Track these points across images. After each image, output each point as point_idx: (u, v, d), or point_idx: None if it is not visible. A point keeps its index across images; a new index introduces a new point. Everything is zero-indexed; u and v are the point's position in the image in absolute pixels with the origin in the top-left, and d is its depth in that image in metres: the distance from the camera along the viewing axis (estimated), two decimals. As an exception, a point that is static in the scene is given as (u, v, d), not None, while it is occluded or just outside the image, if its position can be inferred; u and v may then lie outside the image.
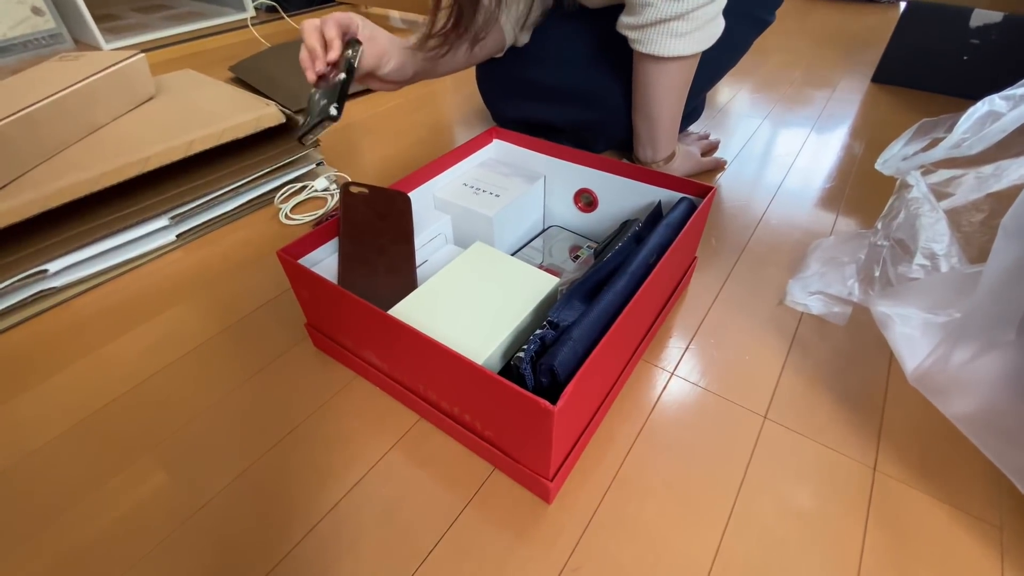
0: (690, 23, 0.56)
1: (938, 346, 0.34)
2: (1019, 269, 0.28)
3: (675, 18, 0.55)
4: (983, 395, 0.31)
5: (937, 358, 0.33)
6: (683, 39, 0.57)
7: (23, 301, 0.54)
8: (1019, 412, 0.29)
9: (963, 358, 0.31)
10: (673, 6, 0.54)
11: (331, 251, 0.46)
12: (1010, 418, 0.30)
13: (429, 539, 0.36)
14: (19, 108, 0.56)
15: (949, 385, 0.33)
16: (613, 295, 0.38)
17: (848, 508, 0.37)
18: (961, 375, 0.32)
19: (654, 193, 0.52)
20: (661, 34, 0.57)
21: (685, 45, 0.58)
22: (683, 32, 0.57)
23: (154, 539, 0.36)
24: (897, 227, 0.49)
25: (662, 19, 0.56)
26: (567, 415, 0.32)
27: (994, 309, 0.29)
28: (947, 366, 0.32)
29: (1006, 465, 0.32)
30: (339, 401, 0.45)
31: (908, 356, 0.36)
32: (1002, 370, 0.30)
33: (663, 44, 0.58)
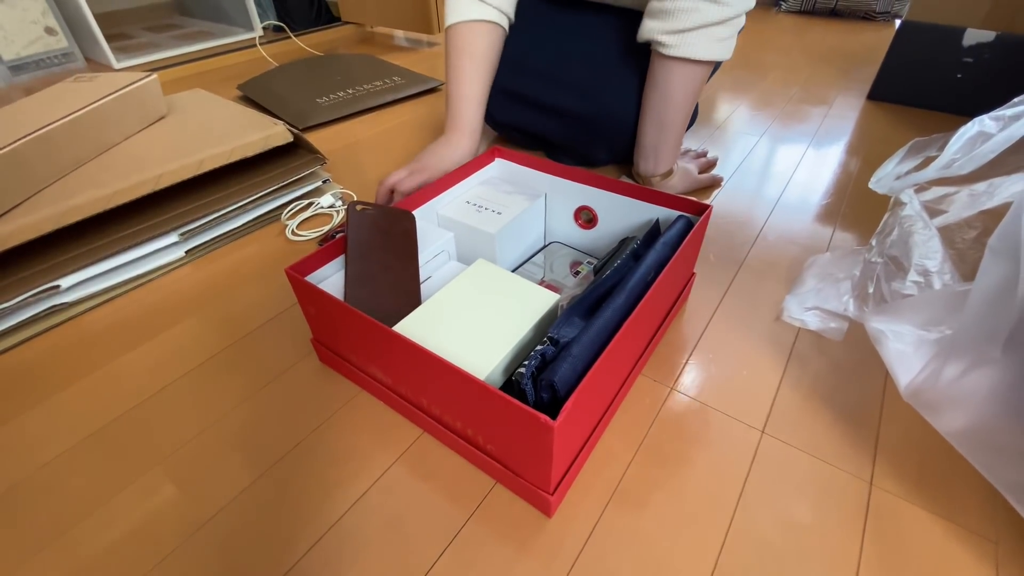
0: (729, 29, 0.61)
1: (930, 362, 0.35)
2: (1004, 288, 0.29)
3: (718, 23, 0.60)
4: (973, 411, 0.32)
5: (929, 374, 0.34)
6: (723, 44, 0.62)
7: (36, 316, 0.55)
8: (1007, 428, 0.30)
9: (953, 374, 0.32)
10: (721, 12, 0.59)
11: (337, 268, 0.48)
12: (999, 434, 0.31)
13: (432, 552, 0.36)
14: (35, 128, 0.58)
15: (941, 401, 0.34)
16: (612, 312, 0.39)
17: (844, 522, 0.37)
18: (952, 391, 0.33)
19: (652, 211, 0.53)
20: (703, 38, 0.61)
21: (723, 49, 0.62)
22: (723, 37, 0.61)
23: (163, 551, 0.37)
24: (891, 244, 0.50)
25: (706, 24, 0.59)
26: (567, 430, 0.33)
27: (981, 327, 0.30)
28: (938, 382, 0.33)
29: (997, 480, 0.32)
30: (344, 415, 0.46)
31: (901, 372, 0.37)
32: (990, 387, 0.30)
33: (704, 48, 0.61)
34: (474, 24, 0.67)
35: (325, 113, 1.01)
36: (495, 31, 0.68)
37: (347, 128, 1.01)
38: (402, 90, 1.11)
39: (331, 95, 1.07)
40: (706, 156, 0.82)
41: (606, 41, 0.73)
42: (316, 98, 1.05)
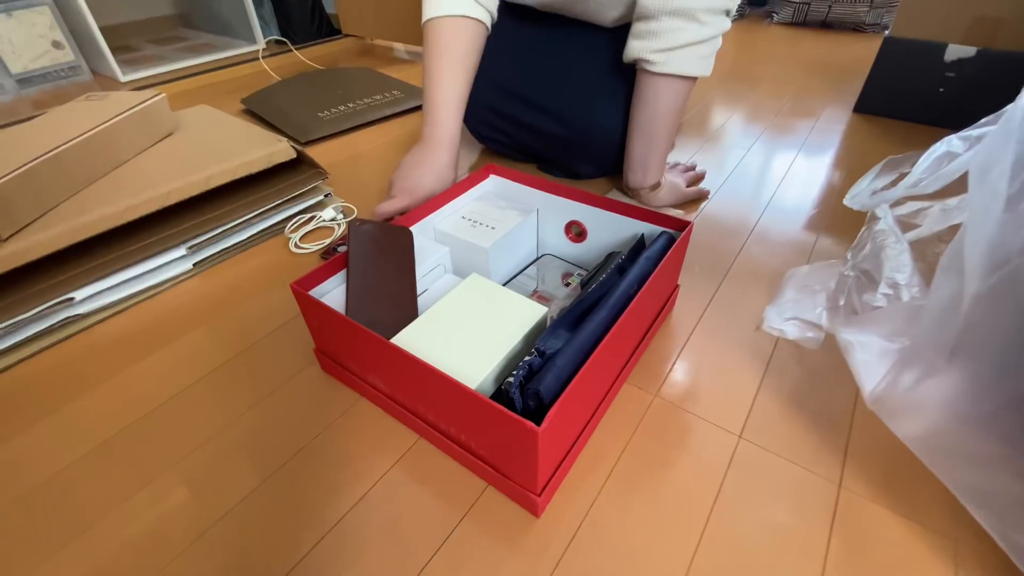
0: (709, 47, 0.65)
1: (890, 371, 0.37)
2: (952, 303, 0.32)
3: (701, 42, 0.64)
4: (927, 417, 0.34)
5: (888, 383, 0.37)
6: (704, 60, 0.66)
7: (51, 327, 0.58)
8: (957, 433, 0.33)
9: (909, 383, 0.35)
10: (702, 31, 0.63)
11: (339, 282, 0.50)
12: (950, 439, 0.33)
13: (427, 550, 0.39)
14: (50, 148, 0.61)
15: (899, 408, 0.36)
16: (596, 324, 0.42)
17: (813, 522, 0.40)
18: (908, 399, 0.35)
19: (638, 226, 0.56)
20: (690, 56, 0.65)
21: (705, 66, 0.67)
22: (706, 55, 0.66)
23: (175, 550, 0.39)
24: (863, 258, 0.53)
25: (690, 43, 0.63)
26: (551, 435, 0.35)
27: (932, 338, 0.33)
28: (896, 390, 0.36)
29: (951, 482, 0.35)
30: (345, 422, 0.48)
31: (866, 380, 0.40)
32: (941, 395, 0.33)
33: (689, 64, 0.65)
34: (456, 19, 0.63)
35: (326, 127, 1.04)
36: (478, 28, 0.65)
37: (348, 141, 1.04)
38: (401, 104, 1.14)
39: (332, 109, 1.10)
40: (694, 169, 0.85)
41: (591, 59, 0.76)
42: (318, 112, 1.08)
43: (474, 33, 0.64)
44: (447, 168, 0.65)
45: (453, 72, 0.63)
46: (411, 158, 0.66)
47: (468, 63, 0.65)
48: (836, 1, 1.66)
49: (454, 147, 0.65)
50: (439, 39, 0.63)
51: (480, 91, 0.84)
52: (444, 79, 0.63)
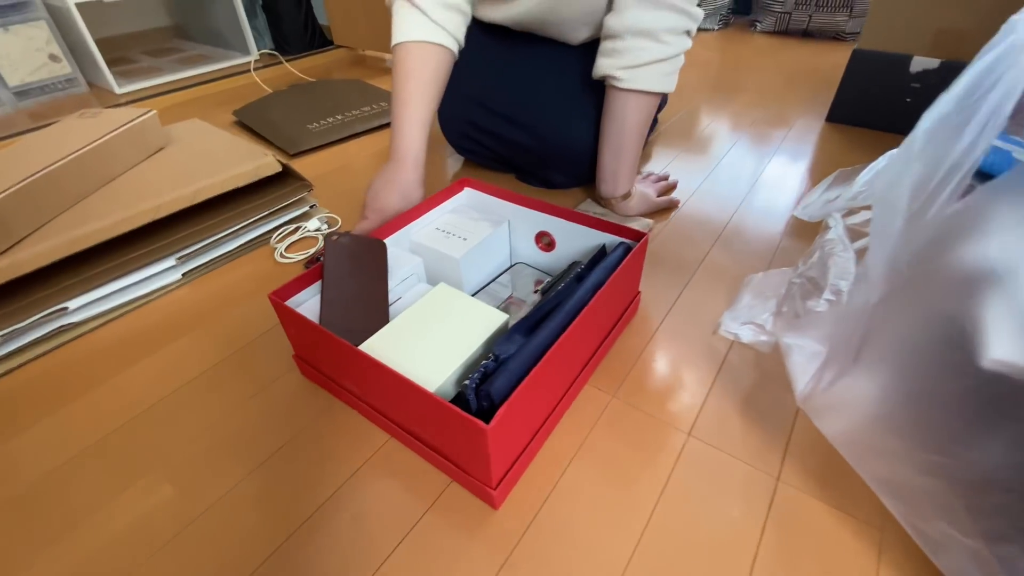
0: (672, 65, 0.69)
1: (816, 373, 0.40)
2: (859, 309, 0.35)
3: (664, 60, 0.68)
4: (844, 415, 0.38)
5: (813, 383, 0.40)
6: (668, 78, 0.70)
7: (46, 335, 0.61)
8: (867, 429, 0.36)
9: (826, 384, 0.38)
10: (665, 50, 0.67)
11: (315, 293, 0.54)
12: (862, 435, 0.37)
13: (392, 540, 0.42)
14: (45, 165, 0.64)
15: (822, 407, 0.39)
16: (550, 330, 0.45)
17: (751, 513, 0.43)
18: (827, 398, 0.38)
19: (600, 237, 0.59)
20: (653, 73, 0.69)
21: (669, 83, 0.71)
22: (668, 72, 0.70)
23: (160, 541, 0.43)
24: (811, 265, 0.56)
25: (654, 60, 0.67)
26: (501, 433, 0.38)
27: (845, 342, 0.36)
28: (817, 390, 0.39)
29: (866, 475, 0.38)
30: (321, 423, 0.51)
31: (798, 381, 0.43)
32: (852, 394, 0.36)
33: (653, 81, 0.69)
34: (423, 45, 0.65)
35: (316, 139, 1.08)
36: (443, 54, 0.66)
37: (337, 152, 1.07)
38: (389, 115, 1.18)
39: (321, 121, 1.13)
40: (667, 180, 0.89)
41: (562, 75, 0.80)
42: (307, 124, 1.12)
43: (440, 59, 0.66)
44: (414, 186, 0.67)
45: (419, 95, 0.65)
46: (380, 178, 0.68)
47: (433, 87, 0.67)
48: (817, 10, 1.70)
49: (419, 165, 0.67)
50: (405, 63, 0.65)
51: (458, 106, 0.88)
52: (410, 101, 0.66)
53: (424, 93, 0.66)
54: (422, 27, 0.64)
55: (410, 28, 0.64)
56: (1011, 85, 0.33)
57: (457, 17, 0.66)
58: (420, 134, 0.66)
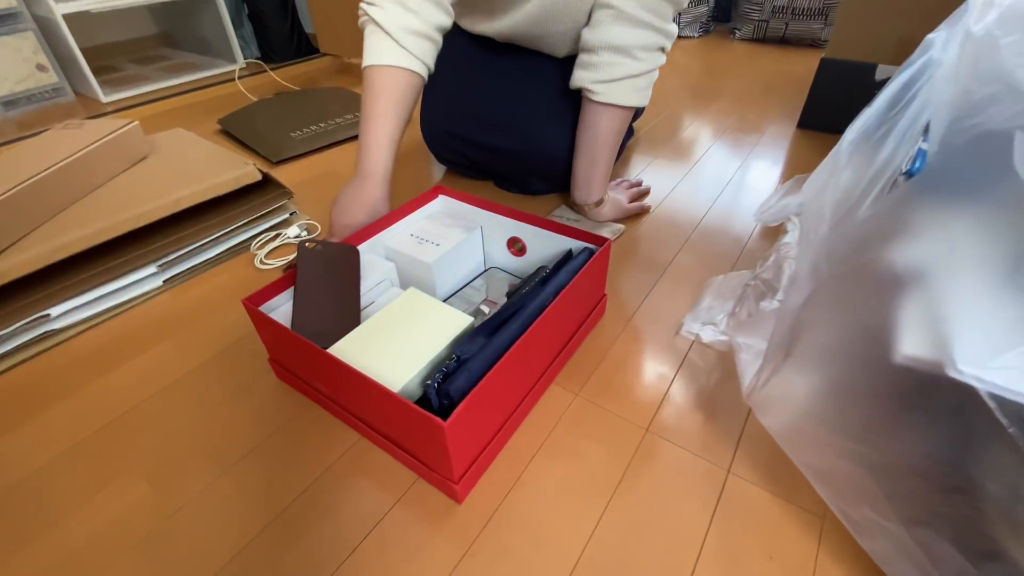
0: (646, 81, 0.72)
1: (758, 370, 0.43)
2: (793, 309, 0.38)
3: (637, 75, 0.70)
4: (780, 409, 0.40)
5: (756, 380, 0.43)
6: (641, 93, 0.73)
7: (29, 341, 0.63)
8: (799, 422, 0.38)
9: (764, 379, 0.41)
10: (638, 66, 0.70)
11: (289, 298, 0.56)
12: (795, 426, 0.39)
13: (360, 532, 0.44)
14: (30, 176, 0.66)
15: (761, 401, 0.42)
16: (511, 332, 0.47)
17: (701, 502, 0.45)
18: (766, 394, 0.41)
19: (567, 242, 0.62)
20: (626, 88, 0.71)
21: (641, 97, 0.73)
22: (642, 87, 0.72)
23: (138, 535, 0.44)
24: (766, 268, 0.59)
25: (627, 76, 0.70)
26: (460, 429, 0.41)
27: (778, 341, 0.39)
28: (757, 386, 0.41)
29: (801, 465, 0.40)
30: (294, 424, 0.53)
31: (744, 378, 0.45)
32: (785, 390, 0.39)
33: (626, 96, 0.72)
34: (391, 69, 0.66)
35: (299, 146, 1.10)
36: (412, 78, 0.67)
37: (319, 159, 1.09)
38: (371, 123, 1.20)
39: (304, 129, 1.15)
40: (639, 185, 0.91)
41: (542, 86, 0.82)
42: (290, 132, 1.14)
43: (408, 82, 0.67)
44: (381, 202, 0.67)
45: (386, 115, 0.66)
46: (346, 193, 0.68)
47: (402, 106, 0.67)
48: (793, 18, 1.74)
49: (386, 183, 0.68)
50: (374, 85, 0.66)
51: (440, 115, 0.90)
52: (378, 119, 0.66)
53: (392, 111, 0.66)
54: (391, 52, 0.65)
55: (380, 52, 0.66)
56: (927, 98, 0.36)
57: (426, 44, 0.67)
58: (387, 151, 0.67)
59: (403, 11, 0.65)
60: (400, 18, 0.64)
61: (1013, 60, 0.28)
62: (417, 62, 0.67)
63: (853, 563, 0.41)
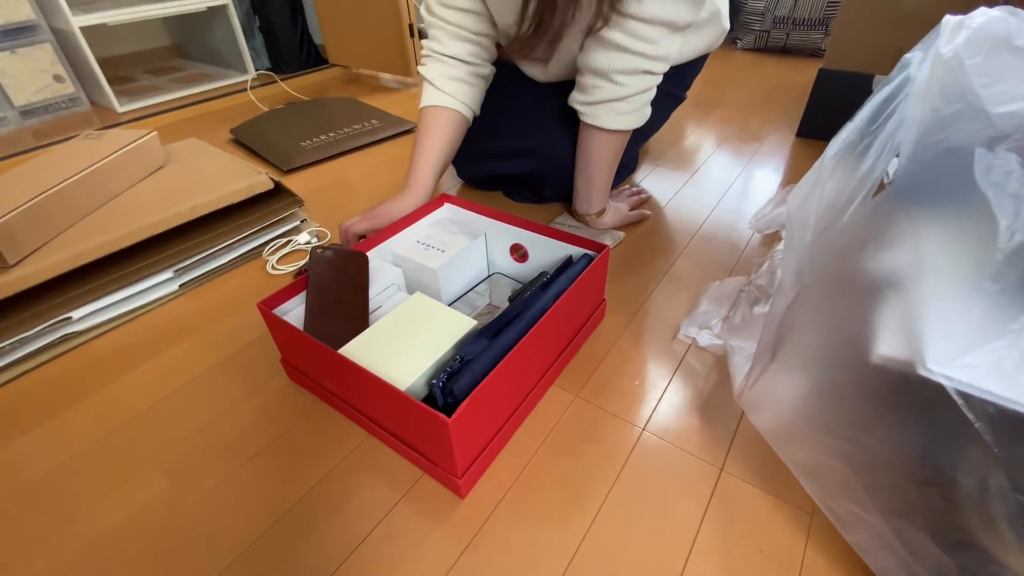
0: (629, 105, 0.71)
1: (747, 372, 0.45)
2: (780, 313, 0.40)
3: (619, 100, 0.70)
4: (768, 408, 0.42)
5: (746, 381, 0.45)
6: (623, 117, 0.72)
7: (51, 343, 0.66)
8: (785, 420, 0.40)
9: (754, 380, 0.42)
10: (618, 90, 0.69)
11: (301, 301, 0.58)
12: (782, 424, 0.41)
13: (367, 526, 0.46)
14: (52, 185, 0.69)
15: (751, 401, 0.44)
16: (512, 334, 0.49)
17: (694, 499, 0.47)
18: (755, 394, 0.43)
19: (568, 249, 0.64)
20: (607, 111, 0.72)
21: (625, 121, 0.73)
22: (624, 111, 0.72)
23: (157, 527, 0.47)
24: (760, 274, 0.61)
25: (609, 99, 0.70)
26: (464, 426, 0.43)
27: (766, 343, 0.41)
28: (746, 387, 0.43)
29: (788, 461, 0.42)
30: (305, 422, 0.56)
31: (736, 379, 0.47)
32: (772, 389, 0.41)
33: (608, 119, 0.72)
34: (439, 109, 0.79)
35: (308, 156, 1.13)
36: (456, 117, 0.80)
37: (328, 169, 1.12)
38: (379, 132, 1.23)
39: (314, 138, 1.19)
40: (640, 194, 0.94)
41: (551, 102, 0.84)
42: (300, 141, 1.17)
43: (448, 117, 0.80)
44: (414, 205, 0.76)
45: (431, 145, 0.79)
46: (388, 199, 0.77)
47: (444, 140, 0.80)
48: (794, 29, 1.77)
49: (425, 196, 0.78)
50: (423, 121, 0.80)
51: None
52: (424, 149, 0.79)
53: (433, 139, 0.79)
54: (434, 96, 0.79)
55: (427, 97, 0.80)
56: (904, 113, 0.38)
57: (462, 86, 0.80)
58: (429, 172, 0.78)
59: (442, 65, 0.79)
60: (440, 69, 0.79)
61: (976, 80, 0.30)
62: (456, 101, 0.79)
63: (838, 556, 0.42)
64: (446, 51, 0.78)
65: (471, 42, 0.79)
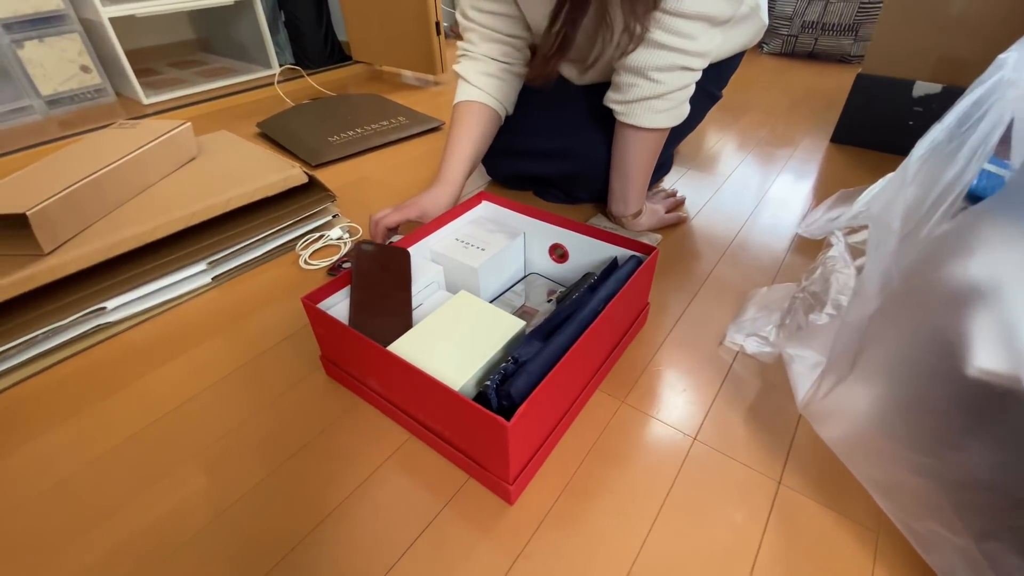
0: (667, 103, 0.70)
1: (815, 381, 0.43)
2: (858, 322, 0.38)
3: (656, 97, 0.69)
4: (841, 420, 0.40)
5: (814, 391, 0.43)
6: (661, 115, 0.71)
7: (84, 333, 0.65)
8: (863, 433, 0.38)
9: (827, 390, 0.41)
10: (656, 88, 0.68)
11: (343, 297, 0.57)
12: (858, 438, 0.39)
13: (412, 533, 0.45)
14: (88, 173, 0.68)
15: (822, 413, 0.42)
16: (565, 336, 0.48)
17: (753, 513, 0.45)
18: (826, 405, 0.41)
19: (611, 250, 0.63)
20: (644, 109, 0.71)
21: (662, 120, 0.71)
22: (661, 109, 0.70)
23: (194, 528, 0.45)
24: (813, 281, 0.59)
25: (646, 97, 0.69)
26: (520, 430, 0.41)
27: (842, 351, 0.39)
28: (816, 397, 0.42)
29: (863, 478, 0.40)
30: (345, 421, 0.54)
31: (799, 389, 0.46)
32: (849, 401, 0.39)
33: (645, 118, 0.71)
34: (472, 104, 0.81)
35: (336, 151, 1.12)
36: (488, 112, 0.82)
37: (355, 164, 1.11)
38: (406, 129, 1.22)
39: (341, 134, 1.18)
40: (675, 196, 0.92)
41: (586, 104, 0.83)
42: (328, 136, 1.16)
43: (480, 111, 0.82)
44: (450, 200, 0.78)
45: (464, 138, 0.81)
46: (424, 192, 0.79)
47: (477, 134, 0.81)
48: (822, 34, 1.74)
49: (457, 189, 0.79)
50: (456, 115, 0.82)
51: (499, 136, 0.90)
52: (456, 143, 0.81)
53: (465, 133, 0.81)
54: (467, 91, 0.81)
55: (460, 92, 0.82)
56: (998, 116, 0.37)
57: (495, 81, 0.82)
58: (461, 166, 0.80)
59: (475, 62, 0.81)
60: (473, 66, 0.81)
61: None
62: (488, 96, 0.81)
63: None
64: (480, 51, 0.81)
65: (504, 43, 0.81)
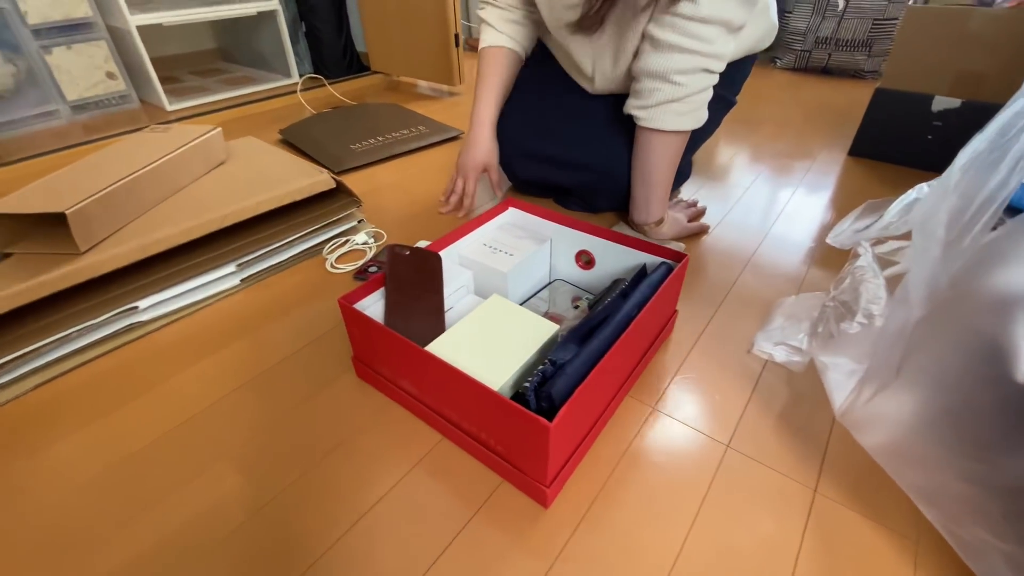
0: (688, 105, 0.72)
1: (855, 388, 0.43)
2: (900, 329, 0.38)
3: (677, 100, 0.71)
4: (883, 427, 0.40)
5: (853, 398, 0.43)
6: (682, 117, 0.73)
7: (117, 331, 0.65)
8: (906, 440, 0.38)
9: (867, 398, 0.41)
10: (677, 90, 0.70)
11: (377, 299, 0.57)
12: (901, 445, 0.39)
13: (447, 536, 0.45)
14: (124, 175, 0.69)
15: (861, 420, 0.42)
16: (601, 340, 0.48)
17: (790, 522, 0.45)
18: (867, 412, 0.41)
19: (640, 257, 0.63)
20: (665, 112, 0.72)
21: (684, 122, 0.73)
22: (683, 112, 0.72)
23: (231, 526, 0.46)
24: (843, 290, 0.59)
25: (667, 100, 0.71)
26: (560, 432, 0.41)
27: (885, 358, 0.39)
28: (857, 404, 0.42)
29: (905, 485, 0.40)
30: (377, 422, 0.55)
31: (836, 397, 0.46)
32: (892, 407, 0.39)
33: (666, 120, 0.73)
34: (495, 48, 0.89)
35: (358, 158, 1.13)
36: (510, 54, 0.90)
37: (376, 172, 1.12)
38: (426, 138, 1.24)
39: (363, 142, 1.19)
40: (696, 205, 0.92)
41: (606, 114, 0.84)
42: (350, 144, 1.18)
43: (506, 56, 0.90)
44: (488, 140, 0.89)
45: (491, 78, 0.89)
46: (466, 142, 0.90)
47: (504, 72, 0.90)
48: (836, 49, 1.76)
49: (492, 125, 0.90)
50: (483, 60, 0.90)
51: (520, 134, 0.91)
52: (483, 84, 0.90)
53: (494, 76, 0.90)
54: (493, 36, 0.89)
55: (486, 38, 0.90)
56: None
57: (517, 27, 0.89)
58: (490, 103, 0.90)
59: (499, 9, 0.88)
60: (498, 13, 0.88)
61: None
62: (512, 41, 0.89)
63: (956, 588, 0.40)
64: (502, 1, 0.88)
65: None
